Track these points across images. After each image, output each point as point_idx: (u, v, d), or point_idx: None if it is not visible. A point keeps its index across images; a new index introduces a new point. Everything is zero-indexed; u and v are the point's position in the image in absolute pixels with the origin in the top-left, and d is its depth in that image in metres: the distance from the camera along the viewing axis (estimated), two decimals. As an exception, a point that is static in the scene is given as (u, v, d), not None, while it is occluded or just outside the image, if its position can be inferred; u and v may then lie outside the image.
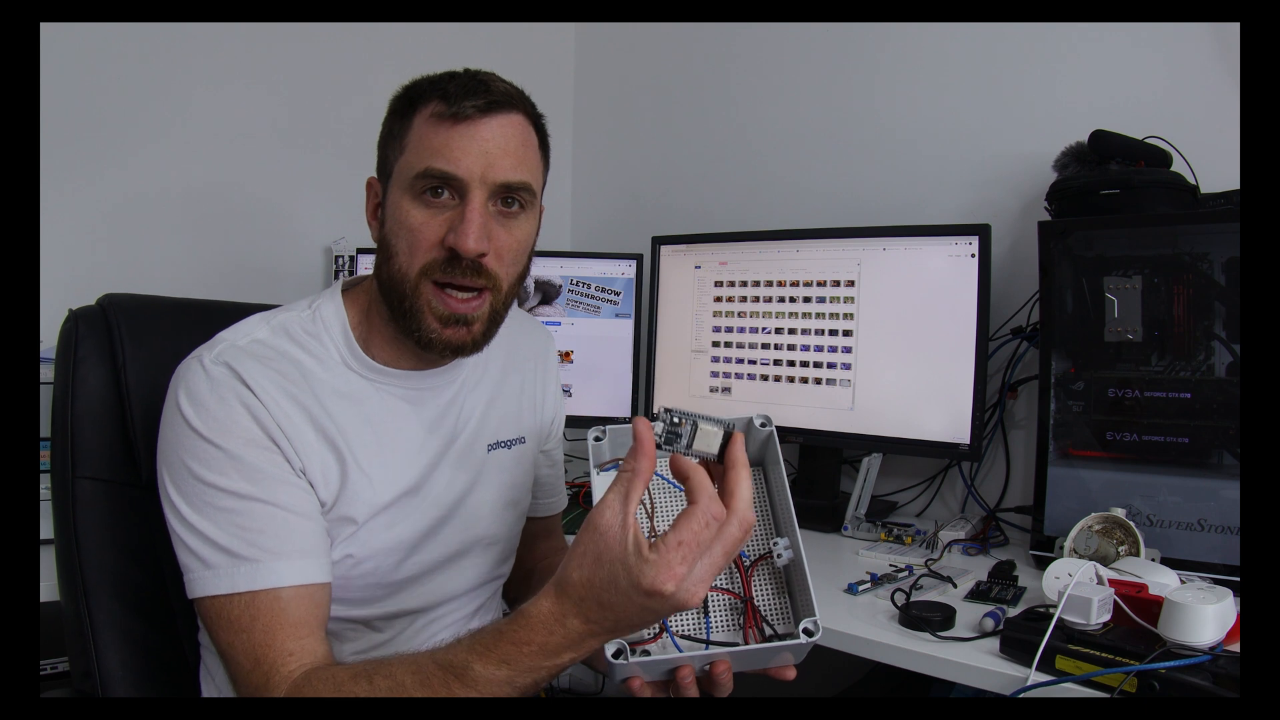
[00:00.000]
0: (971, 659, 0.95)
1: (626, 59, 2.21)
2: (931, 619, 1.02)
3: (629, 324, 1.85)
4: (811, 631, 0.79)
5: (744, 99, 1.97)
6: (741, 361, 1.68)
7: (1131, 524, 1.13)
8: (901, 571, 1.23)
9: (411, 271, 0.88)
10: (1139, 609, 0.91)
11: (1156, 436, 1.21)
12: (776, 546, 0.84)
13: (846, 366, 1.55)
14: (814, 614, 0.80)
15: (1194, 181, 1.32)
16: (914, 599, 1.09)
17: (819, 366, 1.58)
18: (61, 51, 1.54)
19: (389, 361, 0.95)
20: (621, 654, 0.77)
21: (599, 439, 0.88)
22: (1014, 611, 1.05)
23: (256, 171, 1.82)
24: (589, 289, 1.86)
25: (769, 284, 1.64)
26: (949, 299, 1.44)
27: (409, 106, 0.91)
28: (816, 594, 0.80)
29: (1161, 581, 0.98)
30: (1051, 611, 0.92)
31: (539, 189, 0.95)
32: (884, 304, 1.52)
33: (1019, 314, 1.51)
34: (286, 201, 1.86)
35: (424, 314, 0.89)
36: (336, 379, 0.92)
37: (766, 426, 0.87)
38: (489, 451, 1.03)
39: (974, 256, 1.42)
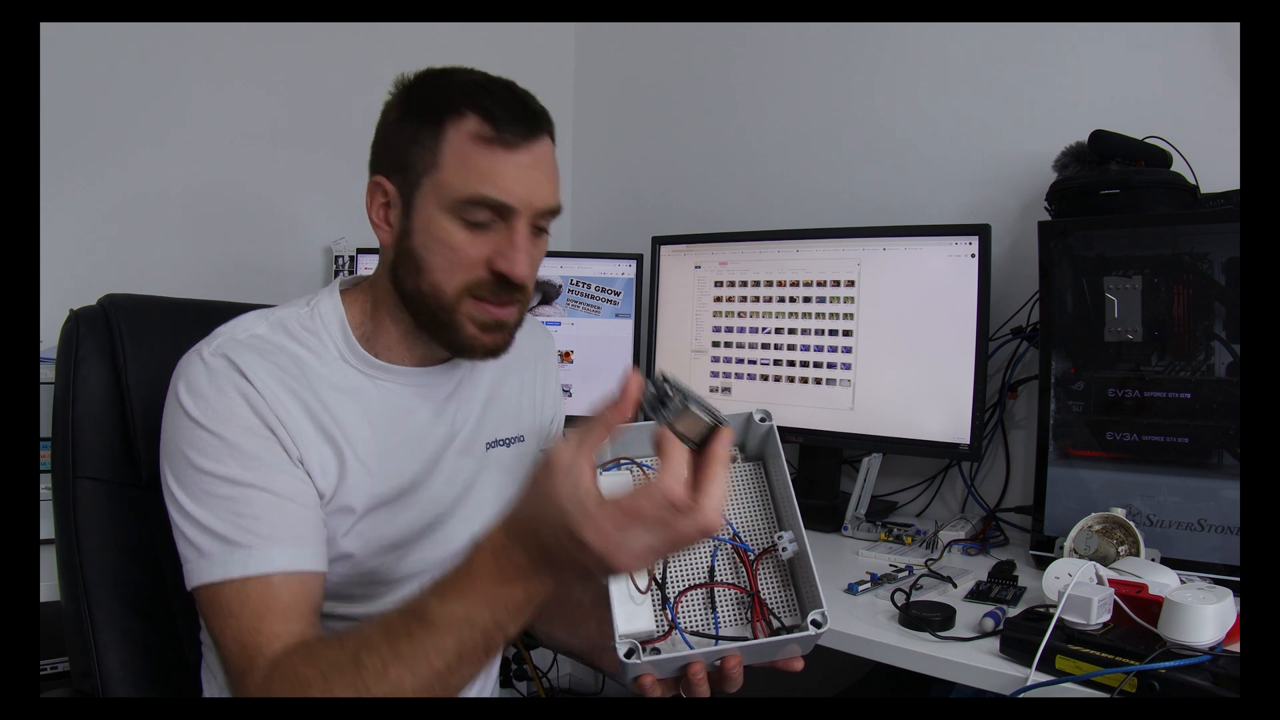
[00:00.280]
0: (971, 659, 0.95)
1: (626, 59, 2.22)
2: (931, 619, 1.02)
3: (629, 324, 1.85)
4: (820, 623, 0.80)
5: (744, 99, 1.98)
6: (741, 361, 1.68)
7: (1131, 524, 1.13)
8: (901, 571, 1.23)
9: (450, 289, 0.89)
10: (1139, 609, 0.91)
11: (1156, 436, 1.21)
12: (781, 540, 0.84)
13: (846, 366, 1.55)
14: (821, 605, 0.80)
15: (1194, 181, 1.32)
16: (914, 599, 1.09)
17: (819, 366, 1.58)
18: (61, 51, 1.54)
19: (390, 359, 0.96)
20: (633, 653, 0.78)
21: None
22: (1014, 611, 1.05)
23: (256, 171, 1.82)
24: (589, 289, 1.86)
25: (769, 284, 1.64)
26: (949, 299, 1.44)
27: (436, 113, 0.88)
28: (826, 604, 0.81)
29: (1161, 581, 0.98)
30: (1051, 611, 0.92)
31: None
32: (884, 304, 1.52)
33: (1019, 314, 1.51)
34: (286, 201, 1.87)
35: (464, 324, 0.90)
36: (334, 374, 0.93)
37: (766, 421, 0.87)
38: (488, 450, 1.03)
39: (974, 256, 1.42)
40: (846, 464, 1.66)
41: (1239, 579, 1.06)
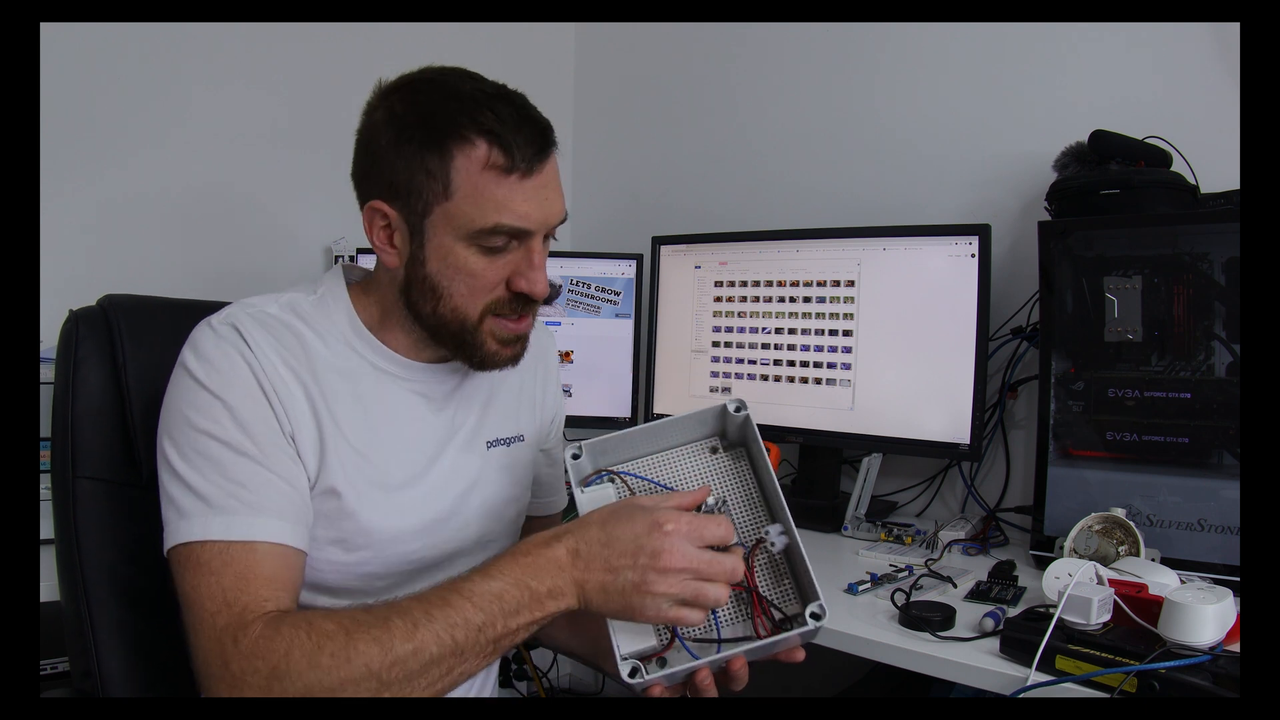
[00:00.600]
0: (971, 659, 0.95)
1: (626, 59, 2.22)
2: (931, 619, 1.02)
3: (629, 324, 1.85)
4: (819, 615, 0.80)
5: (744, 99, 1.98)
6: (741, 361, 1.68)
7: (1131, 524, 1.13)
8: (901, 571, 1.23)
9: (473, 312, 0.91)
10: (1139, 609, 0.91)
11: (1156, 436, 1.21)
12: (770, 534, 0.84)
13: (846, 366, 1.55)
14: (818, 596, 0.80)
15: (1194, 181, 1.32)
16: (914, 599, 1.09)
17: (819, 366, 1.58)
18: (61, 51, 1.54)
19: (393, 349, 0.96)
20: (637, 673, 0.78)
21: (577, 456, 0.88)
22: (1014, 611, 1.05)
23: (256, 172, 1.82)
24: (589, 289, 1.86)
25: (769, 284, 1.64)
26: (949, 299, 1.44)
27: (441, 138, 0.85)
28: (823, 594, 0.81)
29: (1161, 581, 0.98)
30: (1051, 611, 0.92)
31: None
32: (884, 304, 1.52)
33: (1019, 314, 1.51)
34: (286, 202, 1.87)
35: (487, 342, 0.92)
36: (338, 358, 0.93)
37: (741, 411, 0.89)
38: (488, 449, 1.03)
39: (974, 256, 1.42)
40: (846, 464, 1.66)
41: (1239, 579, 1.06)
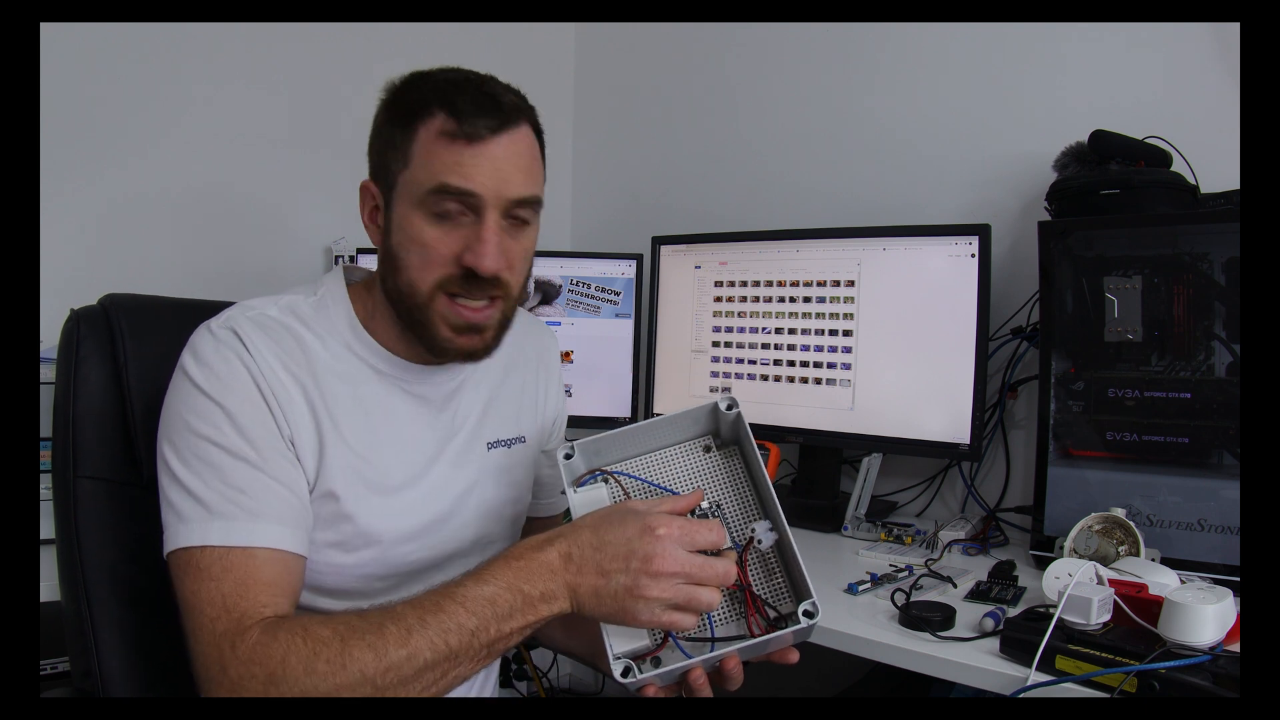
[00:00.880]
0: (971, 659, 0.95)
1: (626, 59, 2.22)
2: (931, 619, 1.02)
3: (629, 324, 1.85)
4: (811, 613, 0.80)
5: (744, 99, 1.98)
6: (741, 361, 1.68)
7: (1131, 524, 1.13)
8: (901, 571, 1.23)
9: (425, 286, 0.89)
10: (1139, 609, 0.91)
11: (1156, 436, 1.21)
12: (757, 531, 0.84)
13: (846, 366, 1.55)
14: (811, 594, 0.80)
15: (1194, 181, 1.32)
16: (914, 599, 1.09)
17: (819, 366, 1.58)
18: (61, 51, 1.54)
19: (392, 353, 0.96)
20: (630, 672, 0.78)
21: (569, 456, 0.88)
22: (1014, 611, 1.05)
23: (256, 172, 1.82)
24: (589, 289, 1.86)
25: (769, 284, 1.64)
26: (949, 299, 1.44)
27: (409, 116, 0.89)
28: (817, 591, 0.81)
29: (1161, 581, 0.98)
30: (1051, 611, 0.92)
31: (543, 197, 0.96)
32: (884, 304, 1.52)
33: (1019, 314, 1.51)
34: (286, 201, 1.87)
35: (437, 324, 0.90)
36: (338, 361, 0.93)
37: (733, 409, 0.88)
38: (488, 450, 1.03)
39: (974, 256, 1.42)
40: (846, 464, 1.66)
41: (1239, 579, 1.06)
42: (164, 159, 1.69)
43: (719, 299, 1.70)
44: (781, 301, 1.62)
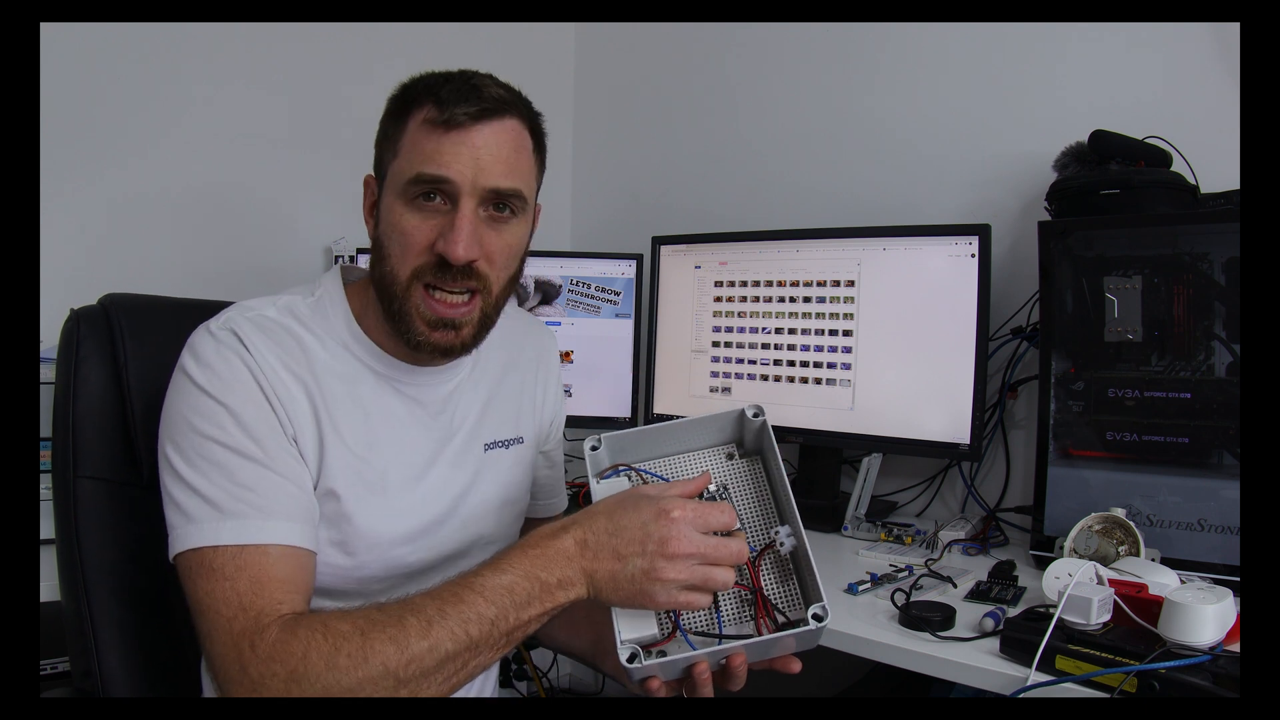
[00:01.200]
0: (971, 659, 0.95)
1: (626, 59, 2.21)
2: (931, 619, 1.02)
3: (629, 324, 1.85)
4: (821, 616, 0.80)
5: (744, 99, 1.98)
6: (741, 361, 1.68)
7: (1131, 524, 1.13)
8: (901, 571, 1.23)
9: (402, 274, 0.90)
10: (1139, 609, 0.91)
11: (1156, 436, 1.21)
12: (779, 535, 0.85)
13: (846, 366, 1.55)
14: (822, 599, 0.80)
15: (1194, 181, 1.32)
16: (914, 599, 1.09)
17: (819, 366, 1.58)
18: (61, 51, 1.54)
19: (389, 354, 0.96)
20: (636, 658, 0.78)
21: (595, 448, 0.88)
22: (1014, 611, 1.05)
23: (256, 171, 1.82)
24: (589, 289, 1.86)
25: (769, 284, 1.64)
26: (949, 299, 1.44)
27: (403, 110, 0.91)
28: (827, 598, 0.81)
29: (1161, 581, 0.98)
30: (1051, 611, 0.92)
31: (532, 195, 0.95)
32: (884, 304, 1.52)
33: (1019, 314, 1.51)
34: (286, 201, 1.87)
35: (412, 317, 0.90)
36: (336, 361, 0.93)
37: (759, 417, 0.88)
38: (486, 451, 1.03)
39: (974, 256, 1.42)
40: (846, 464, 1.66)
41: (1239, 579, 1.06)
42: (164, 159, 1.69)
43: (719, 299, 1.70)
44: (781, 301, 1.62)
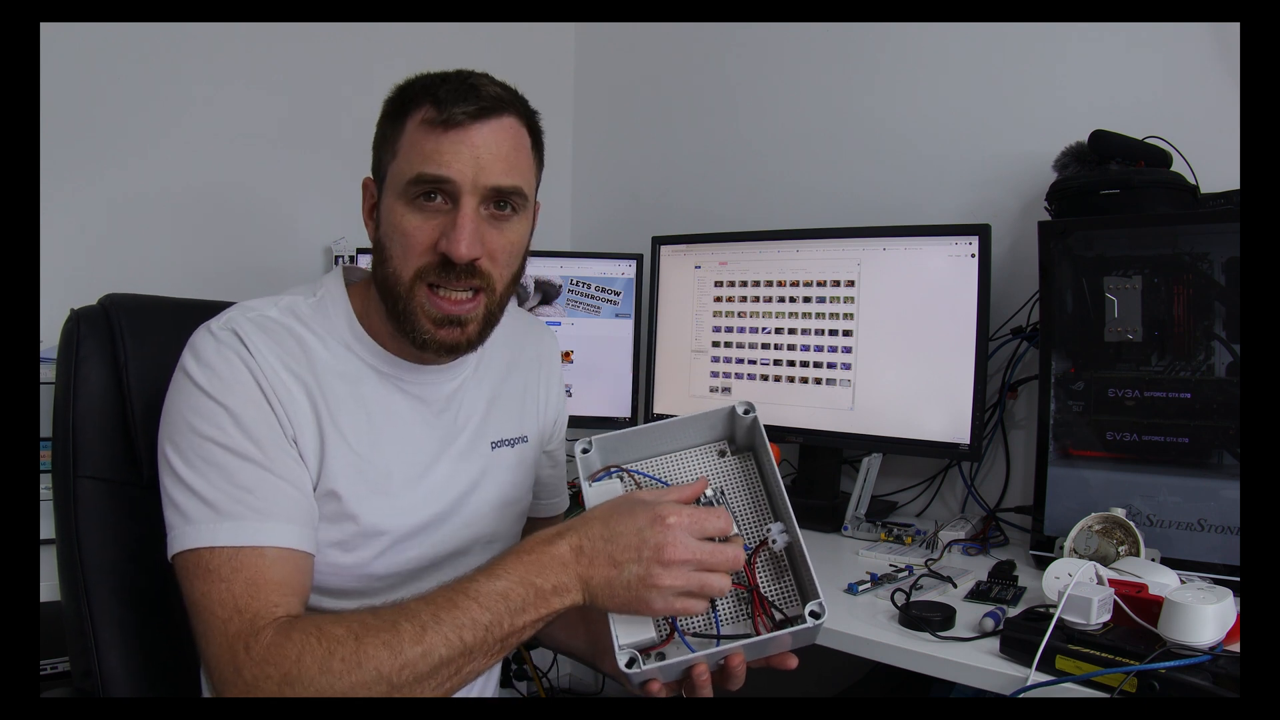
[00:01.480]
0: (971, 659, 0.95)
1: (626, 59, 2.21)
2: (931, 619, 1.02)
3: (629, 324, 1.85)
4: (818, 614, 0.80)
5: (744, 99, 1.98)
6: (741, 361, 1.68)
7: (1131, 524, 1.13)
8: (901, 571, 1.23)
9: (406, 275, 0.90)
10: (1139, 609, 0.91)
11: (1156, 436, 1.21)
12: (771, 532, 0.85)
13: (846, 366, 1.55)
14: (818, 595, 0.80)
15: (1194, 181, 1.32)
16: (914, 599, 1.09)
17: (819, 366, 1.58)
18: (61, 51, 1.54)
19: (392, 353, 0.96)
20: (634, 663, 0.78)
21: (586, 450, 0.89)
22: (1014, 611, 1.05)
23: (256, 171, 1.82)
24: (589, 289, 1.86)
25: (769, 284, 1.64)
26: (949, 299, 1.44)
27: (401, 111, 0.91)
28: (823, 594, 0.81)
29: (1161, 581, 0.98)
30: (1051, 611, 0.92)
31: (532, 191, 0.95)
32: (884, 304, 1.52)
33: (1019, 314, 1.51)
34: (286, 201, 1.87)
35: (418, 316, 0.90)
36: (338, 361, 0.93)
37: (750, 413, 0.89)
38: (493, 449, 1.03)
39: (974, 256, 1.42)
40: (846, 464, 1.66)
41: (1239, 579, 1.06)
42: (164, 159, 1.69)
43: (719, 299, 1.70)
44: (781, 301, 1.62)
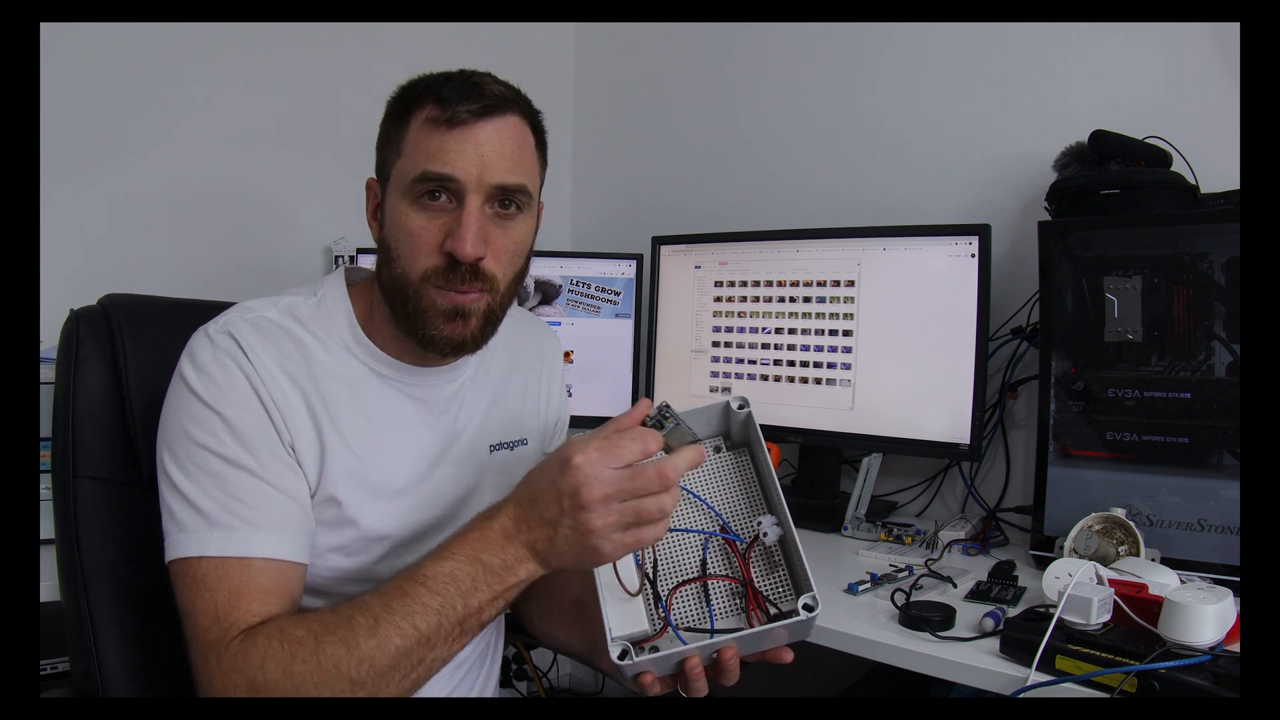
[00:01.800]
0: (971, 659, 0.95)
1: (626, 59, 2.21)
2: (931, 619, 1.02)
3: (629, 324, 1.85)
4: (811, 606, 0.80)
5: (744, 99, 1.98)
6: (741, 361, 1.68)
7: (1131, 524, 1.13)
8: (901, 571, 1.23)
9: (413, 276, 0.89)
10: (1139, 609, 0.91)
11: (1156, 436, 1.21)
12: (762, 525, 0.85)
13: (846, 366, 1.55)
14: (812, 589, 0.80)
15: (1194, 181, 1.32)
16: (914, 599, 1.09)
17: (819, 366, 1.58)
18: (61, 51, 1.54)
19: (392, 355, 0.96)
20: (626, 654, 0.78)
21: None
22: (1014, 611, 1.05)
23: (256, 171, 1.82)
24: (589, 289, 1.86)
25: (769, 284, 1.64)
26: (949, 299, 1.44)
27: (404, 110, 0.91)
28: (816, 587, 0.81)
29: (1161, 581, 0.98)
30: (1051, 611, 0.92)
31: (536, 190, 0.95)
32: (884, 304, 1.52)
33: (1019, 314, 1.51)
34: (286, 201, 1.87)
35: (428, 313, 0.90)
36: (338, 363, 0.93)
37: (744, 409, 0.89)
38: (491, 453, 1.03)
39: (974, 256, 1.42)
40: (846, 464, 1.66)
41: (1239, 579, 1.06)
42: (164, 159, 1.69)
43: (719, 299, 1.70)
44: (781, 301, 1.62)
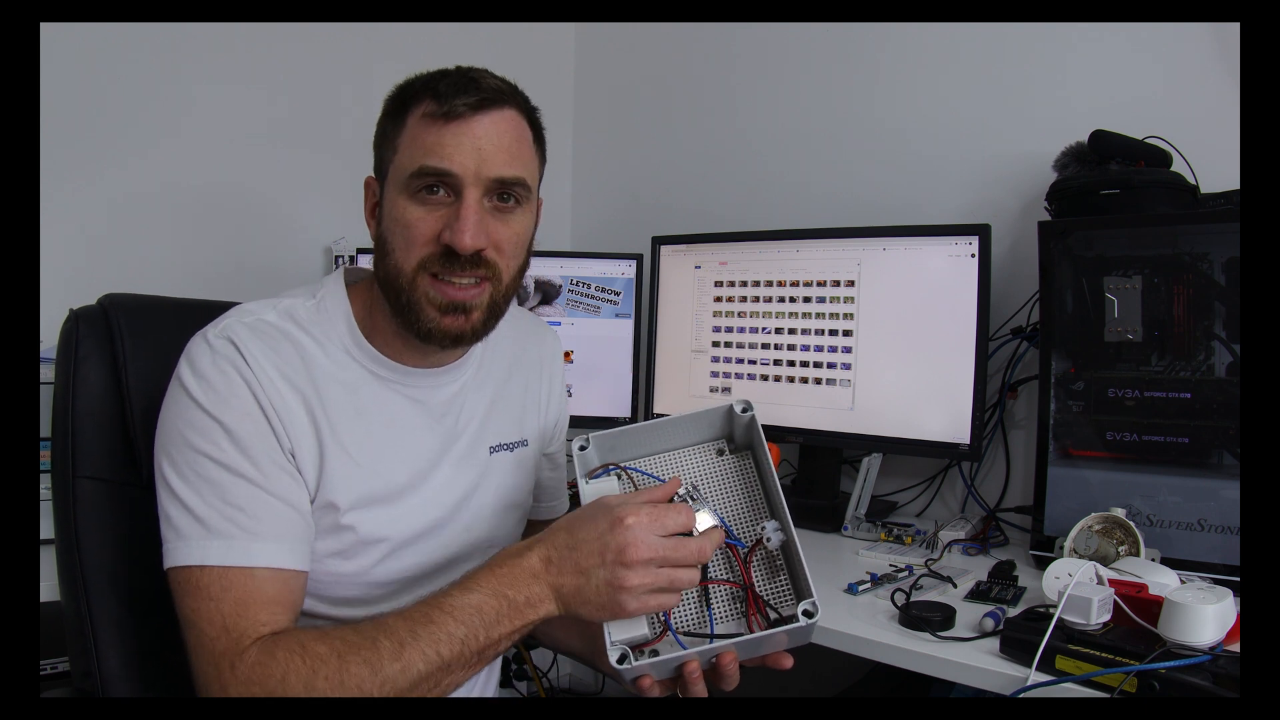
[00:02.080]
0: (971, 659, 0.95)
1: (626, 59, 2.22)
2: (931, 619, 1.02)
3: (629, 324, 1.85)
4: (811, 613, 0.80)
5: (744, 99, 1.98)
6: (741, 361, 1.68)
7: (1131, 524, 1.13)
8: (901, 571, 1.22)
9: (408, 266, 0.89)
10: (1139, 609, 0.91)
11: (1156, 436, 1.21)
12: (766, 530, 0.85)
13: (846, 366, 1.55)
14: (812, 594, 0.80)
15: (1194, 181, 1.32)
16: (914, 599, 1.09)
17: (819, 366, 1.58)
18: (61, 51, 1.54)
19: (391, 356, 0.96)
20: (625, 659, 0.78)
21: (584, 448, 0.89)
22: (1014, 611, 1.05)
23: (256, 171, 1.82)
24: (589, 289, 1.86)
25: (769, 284, 1.64)
26: (949, 299, 1.44)
27: (402, 107, 0.91)
28: (817, 590, 0.81)
29: (1161, 581, 0.98)
30: (1051, 611, 0.92)
31: (535, 183, 0.95)
32: (884, 304, 1.52)
33: (1019, 314, 1.51)
34: (286, 201, 1.87)
35: (422, 305, 0.90)
36: (337, 367, 0.93)
37: (748, 412, 0.89)
38: (491, 454, 1.03)
39: (974, 256, 1.42)
40: (846, 464, 1.66)
41: (1239, 579, 1.06)
42: (164, 159, 1.69)
43: (719, 299, 1.70)
44: (781, 301, 1.62)
